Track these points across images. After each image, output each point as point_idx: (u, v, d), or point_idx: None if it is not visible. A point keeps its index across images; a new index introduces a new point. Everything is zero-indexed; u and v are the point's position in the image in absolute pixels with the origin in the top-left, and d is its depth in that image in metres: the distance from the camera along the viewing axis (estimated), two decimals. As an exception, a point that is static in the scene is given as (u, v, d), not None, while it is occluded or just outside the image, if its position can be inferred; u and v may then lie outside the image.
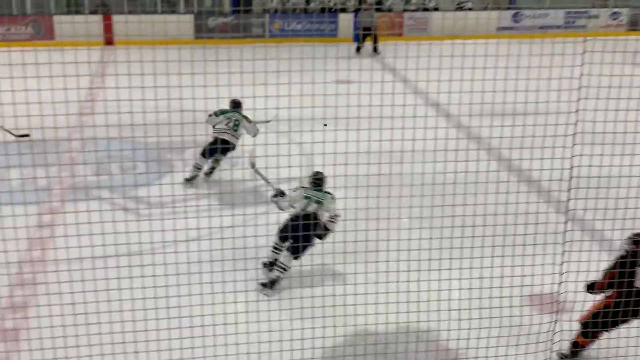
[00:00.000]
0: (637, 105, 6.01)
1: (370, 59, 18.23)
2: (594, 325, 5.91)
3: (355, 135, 5.47)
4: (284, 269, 7.16)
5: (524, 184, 7.23)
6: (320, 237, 7.18)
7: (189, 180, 9.93)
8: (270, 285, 7.11)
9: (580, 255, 5.58)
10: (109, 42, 17.78)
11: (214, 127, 9.90)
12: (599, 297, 6.00)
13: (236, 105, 9.96)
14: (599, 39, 5.52)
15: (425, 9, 21.90)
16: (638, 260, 5.78)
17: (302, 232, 6.87)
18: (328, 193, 7.47)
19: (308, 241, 7.13)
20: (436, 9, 21.68)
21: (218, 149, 9.71)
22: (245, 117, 9.94)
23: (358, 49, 19.39)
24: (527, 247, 5.68)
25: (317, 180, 7.55)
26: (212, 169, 10.22)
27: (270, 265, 7.36)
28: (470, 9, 21.68)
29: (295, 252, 7.18)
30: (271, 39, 20.36)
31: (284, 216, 7.50)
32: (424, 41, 6.31)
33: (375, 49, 19.38)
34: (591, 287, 5.92)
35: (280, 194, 7.52)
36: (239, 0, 20.43)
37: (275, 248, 7.38)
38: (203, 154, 9.91)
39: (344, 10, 21.89)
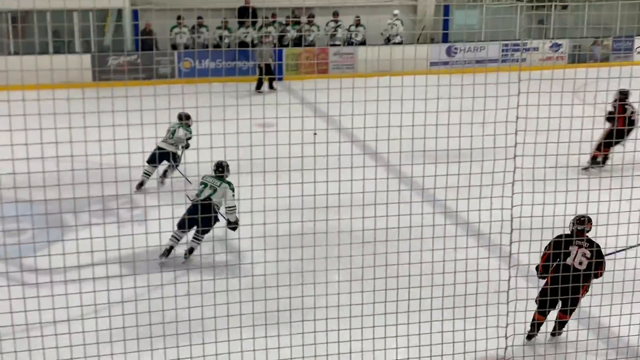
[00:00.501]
0: (579, 138, 6.24)
1: (288, 97, 18.41)
2: (542, 303, 7.14)
3: (283, 185, 5.50)
4: (177, 239, 8.87)
5: (462, 228, 7.36)
6: (233, 228, 8.50)
7: (140, 187, 11.52)
8: (166, 253, 8.67)
9: (527, 307, 5.70)
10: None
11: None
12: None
13: (181, 118, 11.61)
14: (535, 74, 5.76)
15: (351, 44, 22.34)
16: (573, 240, 7.08)
17: (199, 215, 8.36)
18: (227, 183, 8.78)
19: (207, 226, 8.55)
20: (363, 44, 22.16)
21: (156, 156, 11.31)
22: (182, 126, 11.70)
23: (258, 86, 19.26)
24: (471, 308, 5.77)
25: (219, 169, 8.85)
26: (164, 172, 12.04)
27: (167, 253, 8.76)
28: (399, 43, 22.24)
29: (195, 238, 8.91)
30: (181, 79, 20.29)
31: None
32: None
33: (271, 86, 19.45)
34: (537, 270, 7.28)
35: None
36: (143, 36, 20.34)
37: (173, 237, 8.87)
38: (149, 161, 11.47)
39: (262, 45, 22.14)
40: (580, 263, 7.05)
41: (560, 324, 7.38)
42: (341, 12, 22.31)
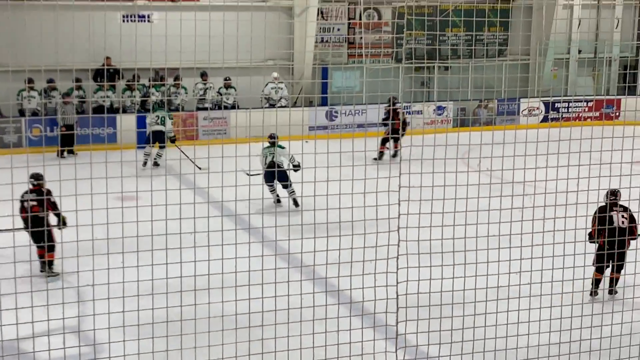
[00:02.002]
0: (465, 207, 6.44)
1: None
2: (599, 260, 9.76)
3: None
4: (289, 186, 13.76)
5: (345, 308, 7.40)
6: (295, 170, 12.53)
7: (144, 165, 17.10)
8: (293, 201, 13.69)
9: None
10: None
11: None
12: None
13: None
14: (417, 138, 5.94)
15: (224, 107, 22.38)
16: (615, 206, 10.11)
17: (276, 174, 13.17)
18: (280, 146, 13.62)
19: (284, 179, 13.63)
20: (234, 107, 22.23)
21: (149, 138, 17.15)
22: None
23: (61, 153, 18.64)
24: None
25: (271, 139, 13.77)
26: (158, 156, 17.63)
27: (278, 200, 13.93)
28: (273, 106, 22.47)
29: (285, 187, 13.83)
30: (30, 148, 19.67)
31: None
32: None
33: (71, 151, 19.15)
34: (590, 237, 9.90)
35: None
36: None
37: (270, 189, 13.82)
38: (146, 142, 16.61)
39: (125, 110, 21.84)
40: (623, 222, 9.91)
41: (615, 281, 10.21)
42: (210, 73, 22.39)
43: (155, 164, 17.81)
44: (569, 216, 6.85)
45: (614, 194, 10.13)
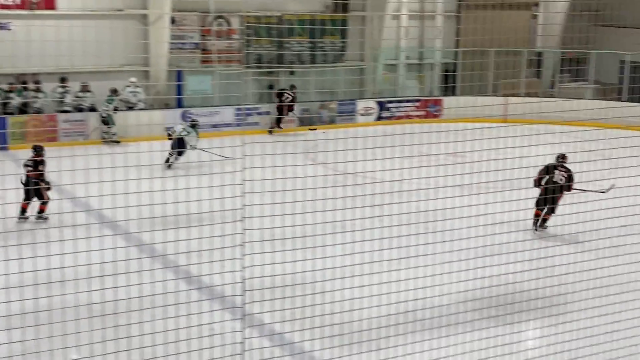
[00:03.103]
0: (303, 197, 6.52)
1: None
2: (539, 203, 12.41)
3: None
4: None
5: (200, 292, 7.36)
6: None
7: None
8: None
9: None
10: None
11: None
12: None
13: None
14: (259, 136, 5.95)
15: (81, 109, 21.61)
16: (557, 166, 12.65)
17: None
18: (196, 131, 17.71)
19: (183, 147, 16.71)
20: (93, 109, 21.54)
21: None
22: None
23: None
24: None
25: (193, 122, 18.48)
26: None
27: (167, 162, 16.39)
28: (132, 108, 21.96)
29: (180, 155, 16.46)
30: None
31: None
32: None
33: None
34: (533, 184, 12.21)
35: None
36: None
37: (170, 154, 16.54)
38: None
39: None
40: (561, 179, 12.42)
41: (545, 220, 12.66)
42: (71, 77, 21.64)
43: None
44: (398, 202, 7.06)
45: (563, 157, 12.53)
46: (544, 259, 7.75)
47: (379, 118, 25.51)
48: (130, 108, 22.26)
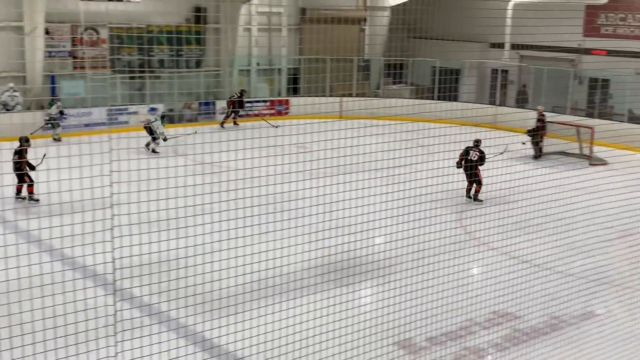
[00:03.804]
0: (167, 186, 6.36)
1: None
2: (467, 176, 15.13)
3: None
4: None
5: (79, 273, 7.02)
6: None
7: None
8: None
9: (134, 335, 5.59)
10: None
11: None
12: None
13: None
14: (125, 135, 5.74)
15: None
16: (473, 148, 15.27)
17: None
18: (163, 123, 18.93)
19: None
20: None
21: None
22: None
23: None
24: (84, 344, 5.48)
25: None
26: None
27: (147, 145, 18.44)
28: (10, 111, 20.72)
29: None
30: None
31: None
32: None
33: None
34: (457, 164, 14.89)
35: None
36: None
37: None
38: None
39: None
40: (474, 158, 15.13)
41: (471, 191, 15.39)
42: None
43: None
44: (250, 187, 7.05)
45: (477, 141, 15.16)
46: (366, 231, 8.01)
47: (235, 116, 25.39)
48: (9, 110, 21.15)
